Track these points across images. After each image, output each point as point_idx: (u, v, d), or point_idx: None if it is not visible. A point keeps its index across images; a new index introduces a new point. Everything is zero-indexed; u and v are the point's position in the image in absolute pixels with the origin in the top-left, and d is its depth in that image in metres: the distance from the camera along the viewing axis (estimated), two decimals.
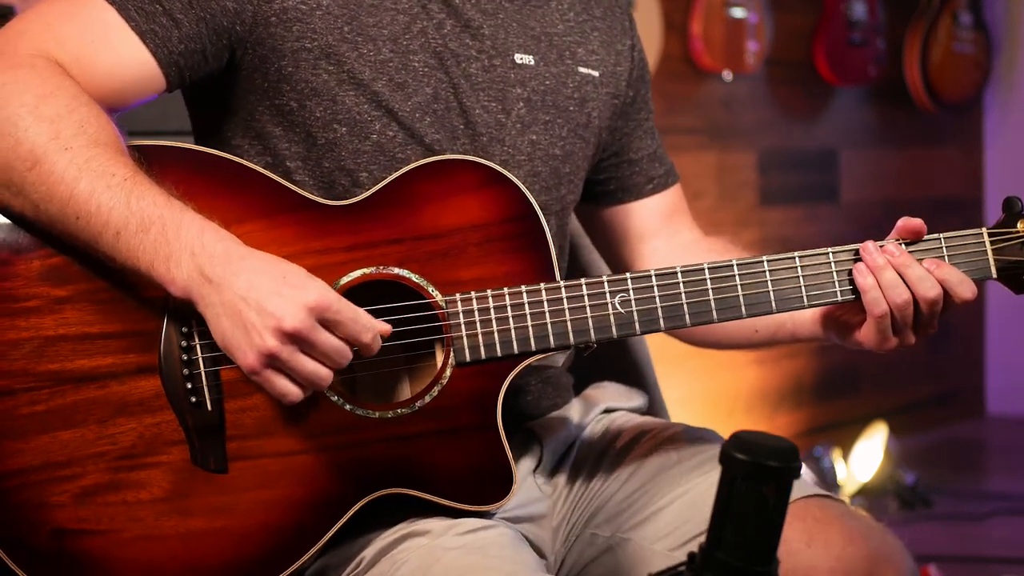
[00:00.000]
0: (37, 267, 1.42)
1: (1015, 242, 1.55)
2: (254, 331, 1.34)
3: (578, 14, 1.72)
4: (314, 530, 1.45)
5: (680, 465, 1.62)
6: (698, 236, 1.83)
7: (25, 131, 1.38)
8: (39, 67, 1.42)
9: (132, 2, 1.47)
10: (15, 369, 1.41)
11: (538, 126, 1.63)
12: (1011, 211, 1.57)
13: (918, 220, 1.54)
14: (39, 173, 1.37)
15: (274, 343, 1.33)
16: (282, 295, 1.33)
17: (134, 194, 1.37)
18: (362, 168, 1.54)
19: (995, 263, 1.55)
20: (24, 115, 1.39)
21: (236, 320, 1.34)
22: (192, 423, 1.42)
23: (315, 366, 1.36)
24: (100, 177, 1.37)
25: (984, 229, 1.56)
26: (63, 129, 1.38)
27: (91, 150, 1.38)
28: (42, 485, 1.41)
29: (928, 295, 1.50)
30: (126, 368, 1.42)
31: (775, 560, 1.08)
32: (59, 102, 1.40)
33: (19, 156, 1.38)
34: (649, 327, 1.51)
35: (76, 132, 1.39)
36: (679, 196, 1.85)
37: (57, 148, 1.37)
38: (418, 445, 1.47)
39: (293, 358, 1.35)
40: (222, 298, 1.35)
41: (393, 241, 1.48)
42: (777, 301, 1.52)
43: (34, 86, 1.40)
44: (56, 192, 1.37)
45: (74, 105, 1.41)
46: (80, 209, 1.37)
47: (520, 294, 1.48)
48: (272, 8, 1.51)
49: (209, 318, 1.36)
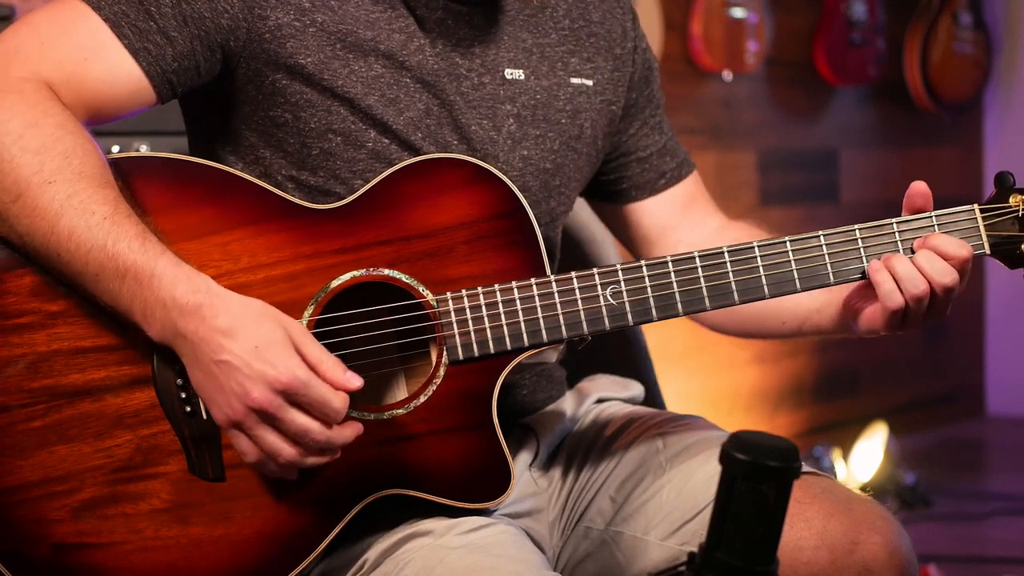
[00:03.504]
0: (28, 283, 1.42)
1: (1008, 217, 1.55)
2: (222, 394, 1.35)
3: (574, 20, 1.71)
4: (314, 535, 1.45)
5: (665, 452, 1.63)
6: (723, 222, 1.83)
7: (9, 162, 1.38)
8: (27, 92, 1.42)
9: (126, 20, 1.47)
10: (10, 386, 1.41)
11: (528, 141, 1.63)
12: (1003, 186, 1.56)
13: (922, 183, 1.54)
14: (22, 206, 1.38)
15: (240, 411, 1.35)
16: (251, 368, 1.34)
17: (111, 236, 1.37)
18: (357, 176, 1.54)
19: (988, 239, 1.55)
20: (9, 145, 1.39)
21: (209, 378, 1.36)
22: (188, 433, 1.42)
23: (276, 442, 1.37)
24: (80, 216, 1.37)
25: (976, 205, 1.55)
26: (47, 162, 1.39)
27: (74, 185, 1.38)
28: (41, 500, 1.41)
29: (945, 281, 1.50)
30: (120, 381, 1.42)
31: (775, 560, 1.08)
32: (45, 132, 1.40)
33: (3, 187, 1.39)
34: (642, 318, 1.51)
35: (60, 165, 1.39)
36: (696, 185, 1.84)
37: (40, 182, 1.38)
38: (415, 445, 1.47)
39: (256, 428, 1.36)
40: (196, 354, 1.36)
41: (382, 242, 1.48)
42: (770, 286, 1.52)
43: (20, 113, 1.40)
44: (38, 227, 1.38)
45: (60, 135, 1.41)
46: (61, 247, 1.38)
47: (511, 290, 1.48)
48: (267, 25, 1.51)
49: (186, 365, 1.39)
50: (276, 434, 1.36)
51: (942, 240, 1.51)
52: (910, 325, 1.54)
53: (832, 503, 1.52)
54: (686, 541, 1.55)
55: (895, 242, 1.53)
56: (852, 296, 1.59)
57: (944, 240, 1.51)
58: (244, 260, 1.45)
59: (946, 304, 1.53)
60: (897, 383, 5.12)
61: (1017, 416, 5.38)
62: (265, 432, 1.36)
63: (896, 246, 1.53)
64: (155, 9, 1.47)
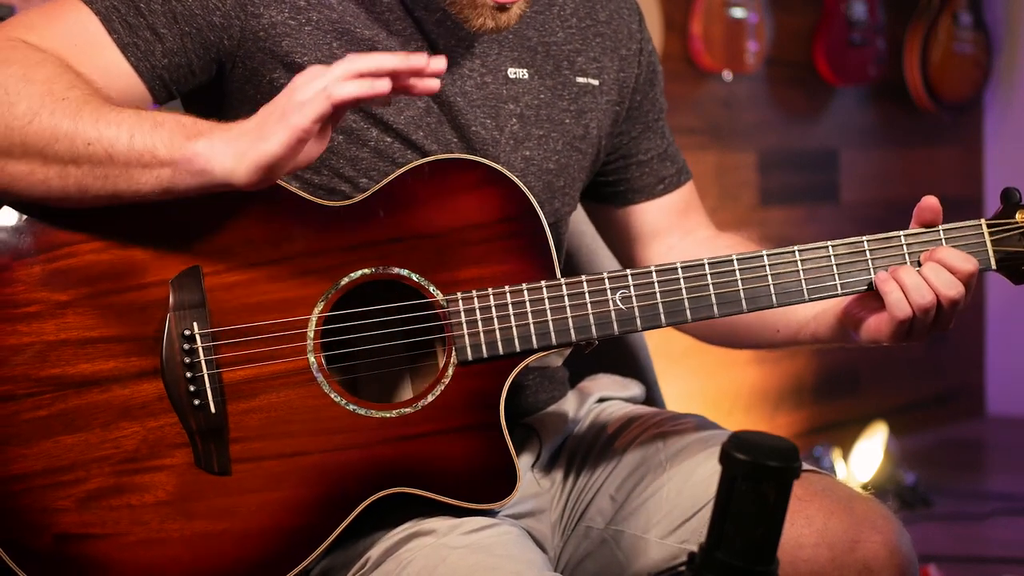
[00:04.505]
0: (38, 272, 1.42)
1: (1014, 233, 1.56)
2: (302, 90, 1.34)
3: (581, 19, 1.71)
4: (318, 531, 1.45)
5: (665, 451, 1.64)
6: (713, 233, 1.83)
7: (18, 93, 1.38)
8: (20, 47, 1.43)
9: (116, 14, 1.47)
10: (17, 374, 1.41)
11: (531, 141, 1.63)
12: (1009, 202, 1.57)
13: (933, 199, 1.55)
14: (40, 122, 1.37)
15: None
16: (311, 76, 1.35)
17: (139, 111, 1.39)
18: (362, 174, 1.55)
19: (994, 254, 1.56)
20: (14, 82, 1.39)
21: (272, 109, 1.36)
22: (195, 425, 1.43)
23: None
24: (102, 106, 1.38)
25: (983, 220, 1.57)
26: (55, 87, 1.39)
27: (87, 97, 1.39)
28: (46, 490, 1.41)
29: (951, 294, 1.51)
30: (128, 372, 1.43)
31: (775, 560, 1.08)
32: (48, 68, 1.41)
33: (16, 115, 1.38)
34: (650, 323, 1.51)
35: (69, 87, 1.39)
36: (692, 194, 1.84)
37: (53, 100, 1.38)
38: (421, 444, 1.47)
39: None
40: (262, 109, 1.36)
41: (393, 241, 1.48)
42: (778, 295, 1.53)
43: (19, 59, 1.41)
44: (61, 130, 1.37)
45: (62, 70, 1.41)
46: (89, 134, 1.37)
47: (521, 292, 1.49)
48: (260, 23, 1.51)
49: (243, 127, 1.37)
50: None
51: (948, 253, 1.52)
52: (915, 337, 1.55)
53: (833, 501, 1.52)
54: (686, 539, 1.55)
55: (903, 255, 1.54)
56: (852, 305, 1.59)
57: (950, 253, 1.52)
58: (254, 256, 1.45)
59: (951, 317, 1.54)
60: (897, 383, 5.12)
61: (1017, 416, 5.38)
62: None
63: (904, 259, 1.54)
64: (144, 6, 1.48)
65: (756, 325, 1.70)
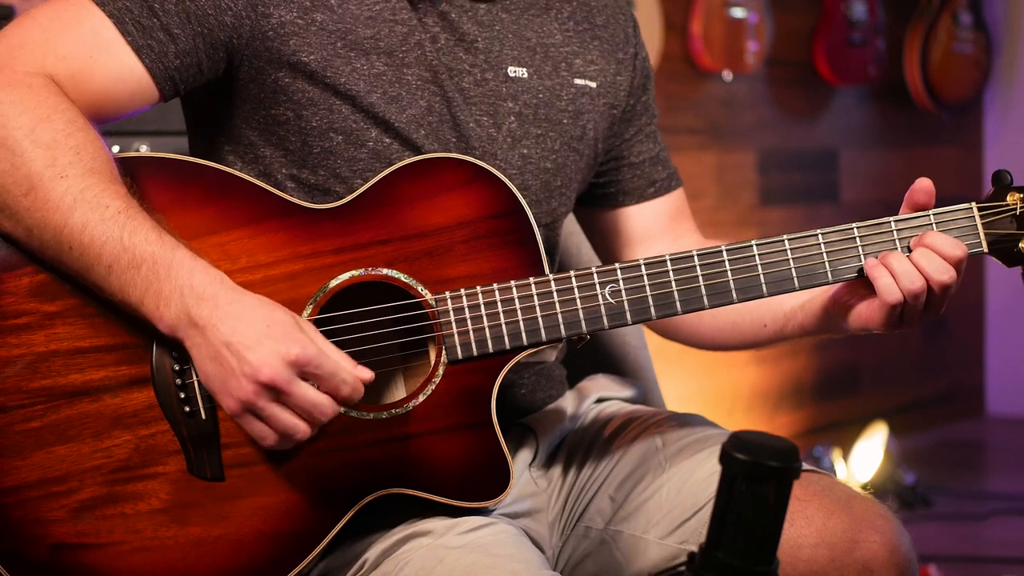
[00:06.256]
0: (26, 284, 1.42)
1: (1005, 215, 1.55)
2: (233, 377, 1.35)
3: (578, 23, 1.71)
4: (313, 534, 1.45)
5: (664, 451, 1.63)
6: (700, 239, 1.83)
7: (21, 156, 1.38)
8: (36, 87, 1.42)
9: (129, 16, 1.47)
10: (8, 387, 1.41)
11: (529, 140, 1.63)
12: (1000, 184, 1.56)
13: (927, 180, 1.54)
14: (34, 200, 1.38)
15: (251, 391, 1.34)
16: (263, 346, 1.34)
17: (127, 229, 1.37)
18: (358, 175, 1.54)
19: (986, 237, 1.55)
20: (21, 139, 1.39)
21: (218, 364, 1.35)
22: (187, 433, 1.42)
23: (290, 419, 1.37)
24: (94, 209, 1.37)
25: (973, 203, 1.55)
26: (59, 156, 1.39)
27: (86, 179, 1.38)
28: (40, 501, 1.40)
29: (943, 279, 1.50)
30: (119, 381, 1.42)
31: (775, 560, 1.08)
32: (56, 127, 1.40)
33: (15, 181, 1.38)
34: (640, 316, 1.51)
35: (72, 160, 1.39)
36: (683, 201, 1.84)
37: (53, 176, 1.38)
38: (414, 445, 1.47)
39: (268, 408, 1.36)
40: (207, 340, 1.36)
41: (381, 242, 1.48)
42: (768, 284, 1.52)
43: (31, 108, 1.40)
44: (50, 220, 1.38)
45: (71, 130, 1.41)
46: (74, 240, 1.37)
47: (510, 289, 1.48)
48: (270, 23, 1.52)
49: (195, 357, 1.38)
50: (289, 412, 1.36)
51: (938, 238, 1.51)
52: (907, 323, 1.54)
53: (832, 501, 1.52)
54: (685, 539, 1.55)
55: (893, 240, 1.53)
56: (841, 293, 1.58)
57: (940, 239, 1.51)
58: (243, 260, 1.45)
59: (942, 302, 1.53)
60: (897, 383, 5.12)
61: (1017, 416, 5.38)
62: (278, 411, 1.36)
63: (894, 245, 1.53)
64: (159, 6, 1.48)
65: (743, 321, 1.69)
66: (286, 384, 1.34)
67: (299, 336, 1.36)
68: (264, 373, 1.33)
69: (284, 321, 1.37)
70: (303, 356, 1.35)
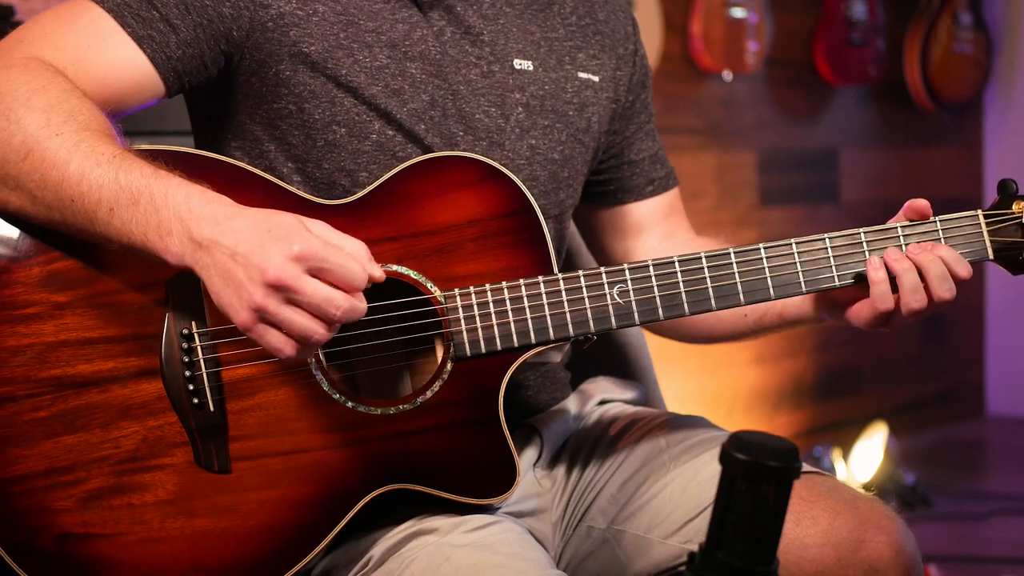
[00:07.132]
0: (37, 273, 1.43)
1: (1011, 223, 1.56)
2: (242, 287, 1.31)
3: (580, 18, 1.72)
4: (319, 528, 1.45)
5: (668, 451, 1.64)
6: (692, 236, 1.84)
7: (17, 122, 1.39)
8: (32, 67, 1.43)
9: (128, 8, 1.48)
10: (17, 376, 1.41)
11: (537, 131, 1.64)
12: (1006, 192, 1.58)
13: (924, 201, 1.55)
14: (32, 161, 1.38)
15: (260, 295, 1.31)
16: (265, 248, 1.31)
17: (122, 169, 1.36)
18: (362, 168, 1.55)
19: (991, 244, 1.56)
20: (16, 107, 1.39)
21: (227, 278, 1.32)
22: (195, 424, 1.43)
23: (304, 320, 1.32)
24: (89, 157, 1.37)
25: (979, 211, 1.57)
26: (53, 117, 1.39)
27: (80, 134, 1.38)
28: (47, 490, 1.41)
29: (945, 296, 1.51)
30: (128, 371, 1.43)
31: (775, 560, 1.08)
32: (50, 94, 1.41)
33: (12, 148, 1.39)
34: (648, 317, 1.51)
35: (66, 119, 1.39)
36: (678, 199, 1.85)
37: (48, 135, 1.38)
38: (420, 440, 1.47)
39: (280, 311, 1.31)
40: (213, 259, 1.33)
41: (390, 239, 1.48)
42: (775, 287, 1.53)
43: (25, 82, 1.41)
44: (49, 177, 1.37)
45: (64, 96, 1.41)
46: (73, 191, 1.37)
47: (518, 287, 1.49)
48: (269, 14, 1.52)
49: (205, 280, 1.35)
50: (301, 312, 1.32)
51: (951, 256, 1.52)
52: (892, 327, 1.56)
53: (838, 501, 1.53)
54: (689, 539, 1.55)
55: (900, 247, 1.54)
56: None
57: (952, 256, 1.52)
58: None
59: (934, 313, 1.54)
60: (897, 383, 5.12)
61: (1017, 416, 5.38)
62: (290, 312, 1.32)
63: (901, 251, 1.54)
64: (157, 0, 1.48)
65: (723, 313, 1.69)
66: (294, 280, 1.31)
67: (303, 233, 1.33)
68: (270, 273, 1.30)
69: (286, 223, 1.34)
70: (307, 250, 1.31)
